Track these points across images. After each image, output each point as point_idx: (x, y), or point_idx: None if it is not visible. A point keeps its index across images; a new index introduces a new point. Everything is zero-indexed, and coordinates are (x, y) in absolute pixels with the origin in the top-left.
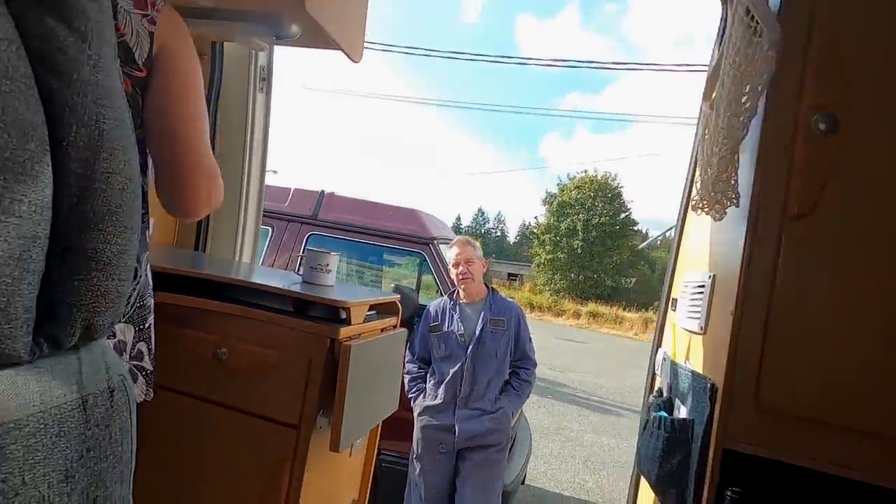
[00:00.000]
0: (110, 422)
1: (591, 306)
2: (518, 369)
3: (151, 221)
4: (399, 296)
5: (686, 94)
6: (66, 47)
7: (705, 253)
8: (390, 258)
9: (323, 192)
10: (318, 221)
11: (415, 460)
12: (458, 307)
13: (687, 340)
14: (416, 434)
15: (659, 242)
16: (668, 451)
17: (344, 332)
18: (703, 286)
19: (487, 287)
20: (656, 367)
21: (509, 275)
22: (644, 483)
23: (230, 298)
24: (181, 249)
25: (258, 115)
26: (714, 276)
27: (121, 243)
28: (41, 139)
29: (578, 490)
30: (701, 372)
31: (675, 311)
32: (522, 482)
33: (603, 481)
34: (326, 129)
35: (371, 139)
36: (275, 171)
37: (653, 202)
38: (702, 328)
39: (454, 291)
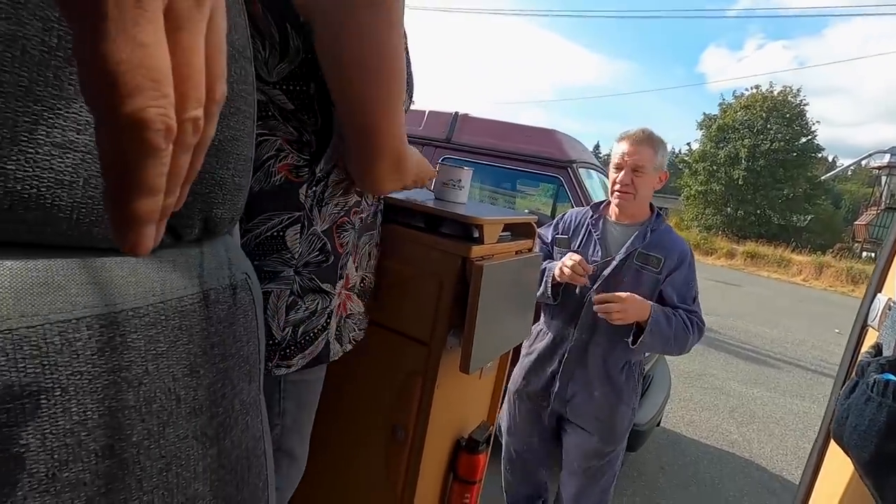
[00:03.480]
0: (234, 320)
1: (750, 246)
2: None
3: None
4: (536, 217)
5: None
6: None
7: None
8: (525, 183)
9: (457, 113)
10: (452, 144)
11: (507, 415)
12: (602, 224)
13: None
14: (513, 384)
15: (850, 173)
16: None
17: (476, 250)
18: None
19: (652, 210)
20: (872, 318)
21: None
22: (833, 454)
23: None
24: None
25: None
26: None
27: (232, 126)
28: None
29: (721, 441)
30: None
31: None
32: (658, 424)
33: (751, 435)
34: (460, 50)
35: (494, 57)
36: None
37: (847, 122)
38: None
39: (603, 203)
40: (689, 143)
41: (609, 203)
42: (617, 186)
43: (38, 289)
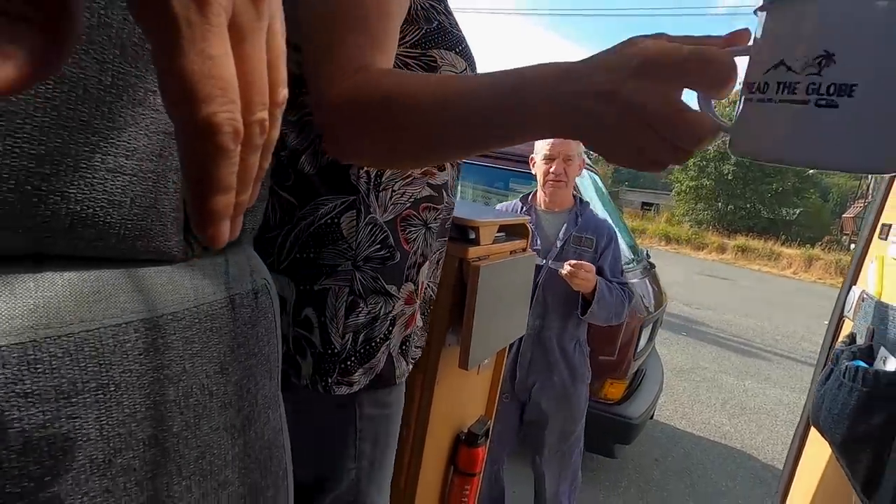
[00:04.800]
0: (256, 322)
1: (740, 240)
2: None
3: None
4: (529, 217)
5: None
6: None
7: None
8: (517, 182)
9: None
10: None
11: None
12: (534, 215)
13: None
14: None
15: None
16: (866, 409)
17: (472, 251)
18: None
19: (575, 197)
20: (847, 309)
21: (643, 204)
22: (813, 439)
23: None
24: None
25: None
26: None
27: None
28: None
29: (713, 433)
30: None
31: (884, 239)
32: (651, 417)
33: (743, 427)
34: None
35: (487, 55)
36: None
37: None
38: None
39: (530, 195)
40: None
41: (535, 194)
42: (551, 176)
43: (93, 297)
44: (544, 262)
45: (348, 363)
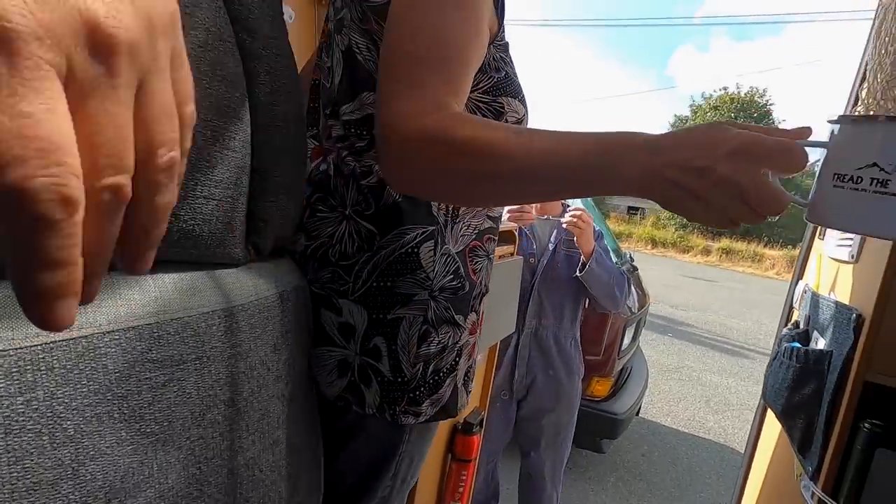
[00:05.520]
0: (298, 314)
1: (724, 242)
2: None
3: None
4: (516, 225)
5: None
6: (253, 7)
7: None
8: None
9: None
10: None
11: None
12: None
13: (834, 271)
14: None
15: (817, 168)
16: (799, 381)
17: None
18: None
19: (562, 204)
20: (795, 301)
21: (629, 208)
22: (769, 418)
23: None
24: None
25: None
26: None
27: (297, 172)
28: (242, 87)
29: (698, 428)
30: (847, 303)
31: (822, 239)
32: (637, 413)
33: (726, 422)
34: None
35: None
36: None
37: (810, 119)
38: (853, 256)
39: None
40: None
41: None
42: None
43: (190, 291)
44: (539, 263)
45: (417, 393)
